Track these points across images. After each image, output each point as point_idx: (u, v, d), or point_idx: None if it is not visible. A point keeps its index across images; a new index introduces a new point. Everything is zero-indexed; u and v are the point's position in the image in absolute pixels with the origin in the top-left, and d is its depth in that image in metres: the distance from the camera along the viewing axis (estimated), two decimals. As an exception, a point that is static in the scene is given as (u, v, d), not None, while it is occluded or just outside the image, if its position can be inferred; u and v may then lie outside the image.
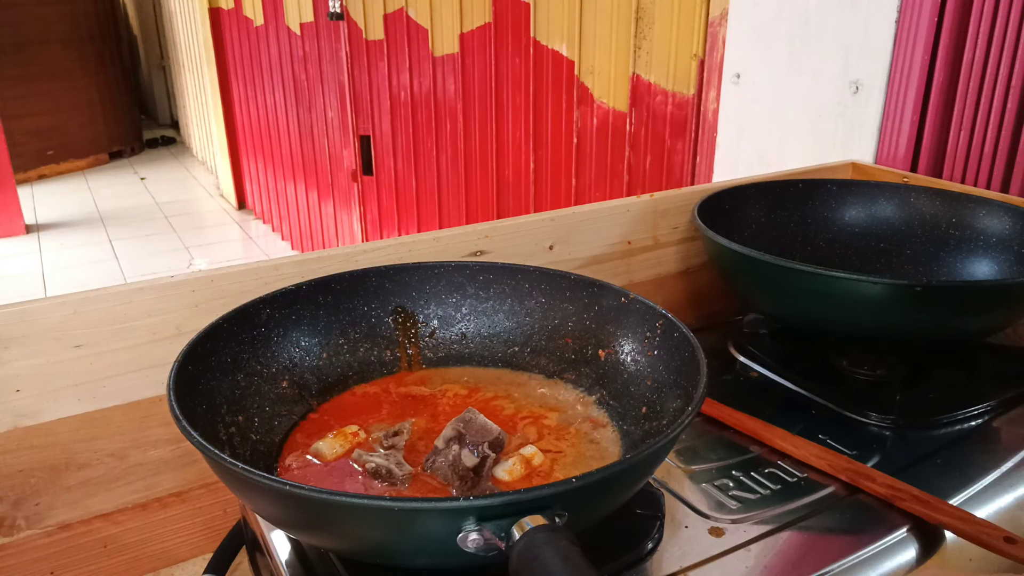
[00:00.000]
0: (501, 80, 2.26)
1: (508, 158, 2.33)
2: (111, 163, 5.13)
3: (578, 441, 0.58)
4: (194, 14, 3.86)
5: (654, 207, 0.85)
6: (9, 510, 0.60)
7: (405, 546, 0.43)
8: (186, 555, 0.68)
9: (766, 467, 0.61)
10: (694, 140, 1.96)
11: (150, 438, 0.64)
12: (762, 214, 0.92)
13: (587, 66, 2.08)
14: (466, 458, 0.52)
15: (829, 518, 0.56)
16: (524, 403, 0.62)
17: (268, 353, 0.60)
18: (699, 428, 0.67)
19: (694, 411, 0.46)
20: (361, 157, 2.64)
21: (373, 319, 0.67)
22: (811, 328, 0.78)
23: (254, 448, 0.55)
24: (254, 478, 0.40)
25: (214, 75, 3.73)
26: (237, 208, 4.09)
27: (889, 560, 0.53)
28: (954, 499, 0.57)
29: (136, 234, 3.81)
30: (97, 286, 0.61)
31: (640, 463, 0.45)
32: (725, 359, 0.80)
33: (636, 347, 0.61)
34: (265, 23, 3.12)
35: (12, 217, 3.80)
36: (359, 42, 2.48)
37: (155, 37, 5.76)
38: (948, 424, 0.68)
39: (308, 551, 0.52)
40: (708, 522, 0.55)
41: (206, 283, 0.63)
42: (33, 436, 0.59)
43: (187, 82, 4.79)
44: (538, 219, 0.78)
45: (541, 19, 2.13)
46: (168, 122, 6.19)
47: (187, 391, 0.50)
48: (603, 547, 0.51)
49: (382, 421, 0.60)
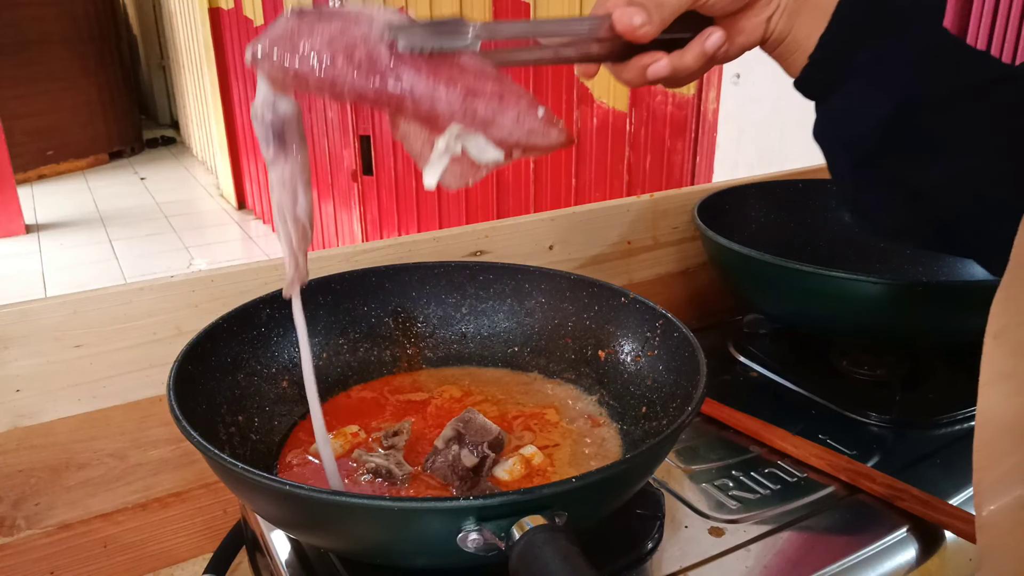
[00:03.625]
0: (501, 80, 2.26)
1: (508, 158, 2.33)
2: (111, 163, 5.14)
3: (578, 441, 0.58)
4: (194, 14, 3.86)
5: (654, 207, 0.85)
6: (9, 510, 0.60)
7: (405, 546, 0.43)
8: (186, 555, 0.68)
9: (766, 467, 0.61)
10: (694, 140, 1.96)
11: (150, 438, 0.64)
12: (762, 214, 0.92)
13: (587, 66, 2.07)
14: (466, 458, 0.52)
15: (829, 518, 0.56)
16: (524, 403, 0.62)
17: (268, 353, 0.60)
18: (699, 428, 0.67)
19: (694, 411, 0.46)
20: (361, 157, 2.64)
21: (373, 319, 0.67)
22: (811, 328, 0.78)
23: (254, 448, 0.55)
24: (254, 478, 0.40)
25: (214, 75, 3.73)
26: (237, 208, 4.09)
27: (889, 560, 0.53)
28: (954, 499, 0.57)
29: (136, 234, 3.82)
30: (97, 286, 0.61)
31: (640, 463, 0.45)
32: (725, 359, 0.80)
33: (636, 347, 0.61)
34: (265, 23, 3.12)
35: (12, 217, 3.80)
36: (359, 42, 2.48)
37: (155, 37, 5.76)
38: (948, 424, 0.68)
39: (308, 551, 0.52)
40: (708, 522, 0.55)
41: (206, 283, 0.63)
42: (33, 436, 0.59)
43: (187, 82, 4.79)
44: (538, 219, 0.78)
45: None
46: (168, 122, 6.19)
47: (187, 391, 0.50)
48: (603, 547, 0.51)
49: (382, 421, 0.60)
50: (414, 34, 0.37)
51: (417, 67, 0.36)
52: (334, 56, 0.35)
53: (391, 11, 0.38)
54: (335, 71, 0.36)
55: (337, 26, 0.36)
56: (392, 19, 0.37)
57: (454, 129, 0.38)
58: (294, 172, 0.40)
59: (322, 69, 0.35)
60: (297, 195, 0.41)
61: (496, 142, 0.38)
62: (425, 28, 0.38)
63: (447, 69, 0.37)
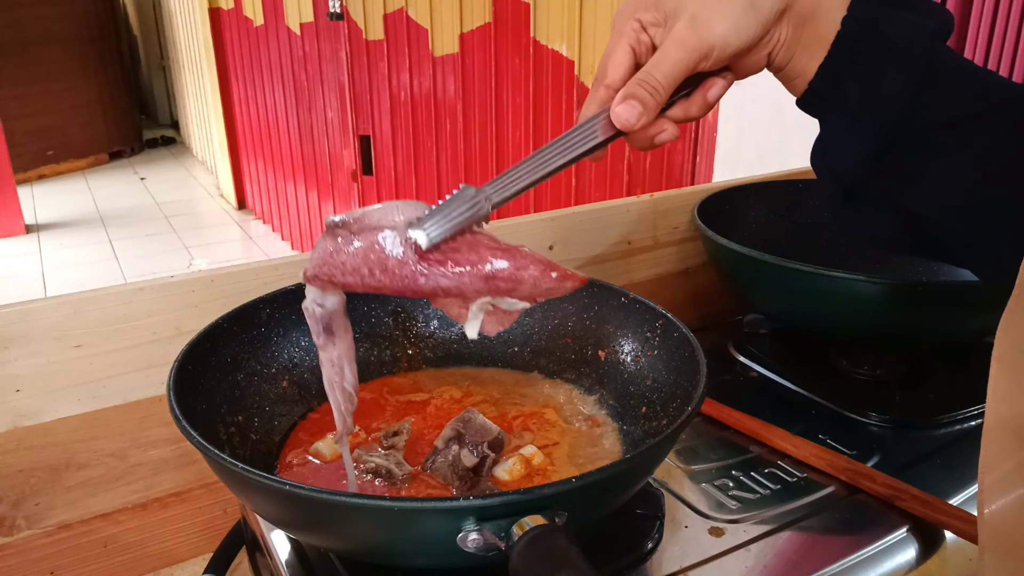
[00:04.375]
0: (501, 80, 2.26)
1: (508, 158, 2.33)
2: (111, 163, 5.14)
3: (577, 440, 0.58)
4: (194, 14, 3.86)
5: (654, 207, 0.85)
6: (9, 510, 0.60)
7: (405, 546, 0.43)
8: (186, 555, 0.68)
9: (766, 467, 0.61)
10: (694, 140, 1.96)
11: (150, 438, 0.64)
12: (762, 214, 0.92)
13: (587, 66, 2.08)
14: (466, 458, 0.52)
15: (829, 518, 0.56)
16: (524, 403, 0.62)
17: (268, 353, 0.60)
18: (699, 428, 0.67)
19: (694, 411, 0.46)
20: (361, 157, 2.64)
21: (373, 319, 0.67)
22: (811, 328, 0.78)
23: (254, 448, 0.55)
24: (254, 478, 0.40)
25: (214, 75, 3.73)
26: (237, 208, 4.09)
27: (889, 560, 0.53)
28: (954, 499, 0.57)
29: (136, 234, 3.81)
30: (97, 286, 0.61)
31: (640, 462, 0.45)
32: (725, 359, 0.80)
33: (636, 347, 0.61)
34: (265, 23, 3.12)
35: (12, 217, 3.80)
36: (359, 42, 2.48)
37: (155, 37, 5.76)
38: (948, 424, 0.68)
39: (308, 551, 0.52)
40: (708, 522, 0.55)
41: (206, 283, 0.63)
42: (33, 436, 0.59)
43: (187, 82, 4.79)
44: (538, 219, 0.78)
45: (541, 19, 2.13)
46: (168, 122, 6.19)
47: (187, 391, 0.50)
48: (603, 547, 0.51)
49: (382, 421, 0.60)
50: (431, 227, 0.41)
51: (442, 261, 0.41)
52: (371, 270, 0.42)
53: (407, 207, 0.42)
54: (374, 280, 0.42)
55: (368, 240, 0.41)
56: (410, 214, 0.42)
57: (483, 299, 0.43)
58: (340, 355, 0.46)
59: (363, 282, 0.42)
60: (344, 372, 0.46)
61: (519, 299, 0.44)
62: (439, 215, 0.42)
63: (467, 252, 0.42)
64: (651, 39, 0.45)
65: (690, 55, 0.42)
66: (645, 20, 0.45)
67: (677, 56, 0.42)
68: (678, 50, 0.42)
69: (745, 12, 0.42)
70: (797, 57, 0.44)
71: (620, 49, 0.45)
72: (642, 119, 0.43)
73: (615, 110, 0.43)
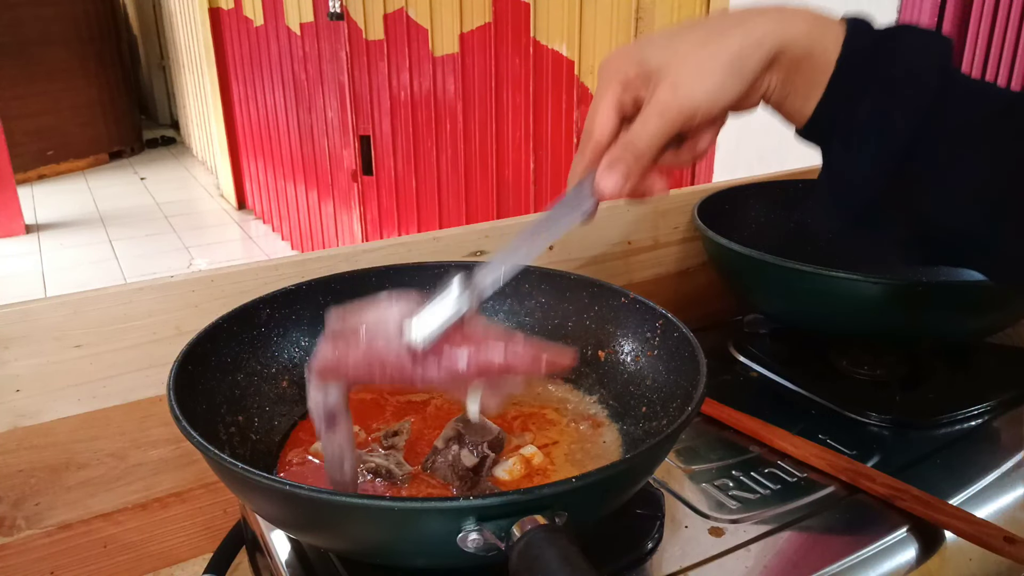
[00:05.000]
0: (501, 80, 2.26)
1: (508, 158, 2.33)
2: (111, 163, 5.14)
3: (577, 440, 0.58)
4: (194, 14, 3.86)
5: (654, 207, 0.85)
6: (9, 510, 0.60)
7: (405, 546, 0.43)
8: (186, 555, 0.68)
9: (766, 467, 0.61)
10: (694, 140, 1.95)
11: (150, 438, 0.64)
12: (762, 214, 0.92)
13: (587, 66, 2.08)
14: (466, 458, 0.52)
15: (829, 518, 0.56)
16: (524, 403, 0.62)
17: (268, 353, 0.60)
18: (699, 428, 0.67)
19: (694, 411, 0.46)
20: (361, 157, 2.64)
21: (373, 319, 0.66)
22: (811, 328, 0.78)
23: (254, 448, 0.55)
24: (254, 478, 0.40)
25: (214, 75, 3.73)
26: (237, 208, 4.09)
27: (889, 560, 0.53)
28: (954, 499, 0.57)
29: (136, 234, 3.81)
30: (97, 286, 0.61)
31: (640, 462, 0.45)
32: (725, 359, 0.80)
33: (636, 347, 0.61)
34: (265, 23, 3.12)
35: (12, 217, 3.80)
36: (359, 42, 2.47)
37: (155, 37, 5.76)
38: (948, 424, 0.68)
39: (308, 551, 0.52)
40: (708, 522, 0.55)
41: (206, 283, 0.63)
42: (33, 436, 0.59)
43: (187, 82, 4.79)
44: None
45: (541, 19, 2.13)
46: (168, 122, 6.19)
47: (187, 391, 0.50)
48: (603, 547, 0.51)
49: (382, 421, 0.60)
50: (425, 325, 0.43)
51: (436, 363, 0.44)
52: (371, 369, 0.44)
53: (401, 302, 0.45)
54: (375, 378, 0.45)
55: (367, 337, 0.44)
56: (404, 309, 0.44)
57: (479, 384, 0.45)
58: (342, 443, 0.48)
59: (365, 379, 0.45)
60: (344, 458, 0.49)
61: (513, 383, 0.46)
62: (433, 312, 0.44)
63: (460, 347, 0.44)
64: (636, 94, 0.44)
65: (672, 122, 0.42)
66: (629, 76, 0.44)
67: (659, 123, 0.42)
68: (660, 118, 0.42)
69: (729, 72, 0.41)
70: (792, 98, 0.44)
71: (605, 105, 0.45)
72: (628, 186, 0.44)
73: (598, 185, 0.44)
